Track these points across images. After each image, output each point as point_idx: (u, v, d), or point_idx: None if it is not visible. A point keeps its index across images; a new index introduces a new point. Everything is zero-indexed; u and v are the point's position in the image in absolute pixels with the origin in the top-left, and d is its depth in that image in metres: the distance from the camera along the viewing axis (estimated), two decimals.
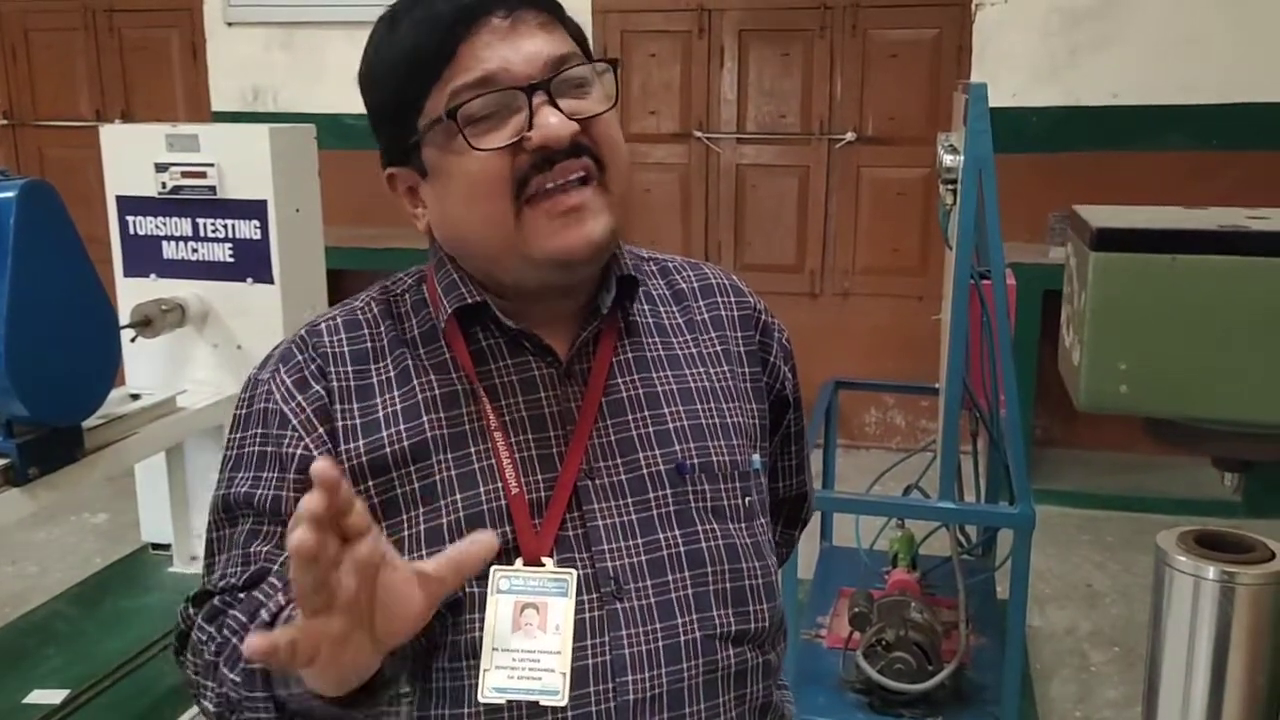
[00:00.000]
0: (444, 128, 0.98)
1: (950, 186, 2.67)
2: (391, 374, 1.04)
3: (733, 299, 1.17)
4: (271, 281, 3.09)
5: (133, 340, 2.96)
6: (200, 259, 3.12)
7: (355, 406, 1.03)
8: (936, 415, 3.02)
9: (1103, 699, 3.14)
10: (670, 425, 1.06)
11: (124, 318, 2.94)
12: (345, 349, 1.05)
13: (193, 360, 3.17)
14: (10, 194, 2.14)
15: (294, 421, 1.02)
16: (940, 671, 2.67)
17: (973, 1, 4.78)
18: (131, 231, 3.16)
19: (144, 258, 3.15)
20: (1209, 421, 1.48)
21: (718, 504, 1.06)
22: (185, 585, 1.03)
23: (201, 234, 3.11)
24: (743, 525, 1.07)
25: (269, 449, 1.03)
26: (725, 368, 1.13)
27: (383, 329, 1.07)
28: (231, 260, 3.10)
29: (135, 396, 2.82)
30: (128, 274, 3.18)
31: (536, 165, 0.96)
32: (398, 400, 1.03)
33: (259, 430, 1.05)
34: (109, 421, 2.58)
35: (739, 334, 1.16)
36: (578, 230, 0.98)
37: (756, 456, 1.12)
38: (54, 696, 2.66)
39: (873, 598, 2.85)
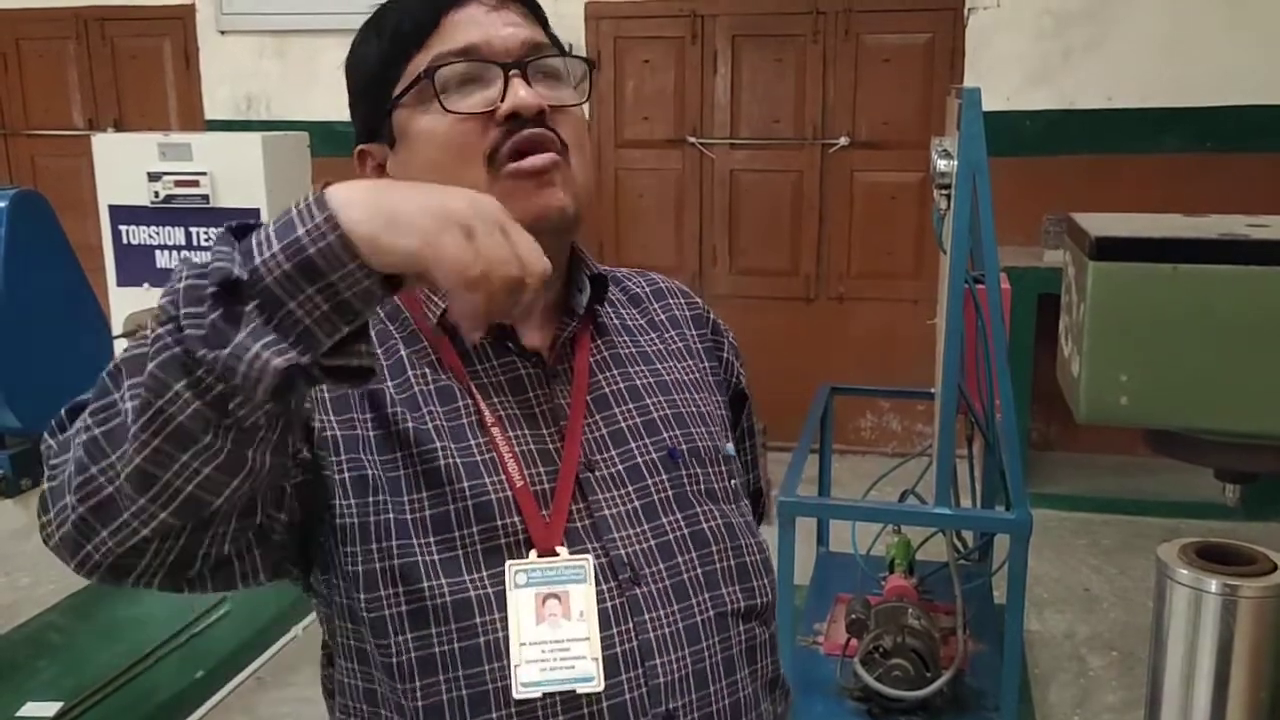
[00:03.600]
0: (419, 89, 1.01)
1: (944, 191, 2.66)
2: (387, 362, 1.04)
3: (682, 300, 1.22)
4: None
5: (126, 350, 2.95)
6: None
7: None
8: (932, 420, 3.01)
9: (1101, 703, 3.14)
10: (655, 415, 1.09)
11: (117, 327, 2.93)
12: None
13: None
14: (0, 204, 2.14)
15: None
16: (939, 678, 2.66)
17: (965, 5, 4.79)
18: (124, 241, 3.15)
19: (137, 267, 3.15)
20: (1212, 433, 1.46)
21: (709, 486, 1.09)
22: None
23: (194, 243, 3.10)
24: (733, 506, 1.11)
25: None
26: (690, 361, 1.17)
27: (370, 322, 1.05)
28: None
29: None
30: (121, 283, 3.18)
31: (507, 133, 0.99)
32: (397, 390, 1.02)
33: None
34: None
35: (694, 331, 1.20)
36: (549, 193, 1.00)
37: (730, 445, 1.16)
38: (48, 709, 2.65)
39: (870, 604, 2.84)
